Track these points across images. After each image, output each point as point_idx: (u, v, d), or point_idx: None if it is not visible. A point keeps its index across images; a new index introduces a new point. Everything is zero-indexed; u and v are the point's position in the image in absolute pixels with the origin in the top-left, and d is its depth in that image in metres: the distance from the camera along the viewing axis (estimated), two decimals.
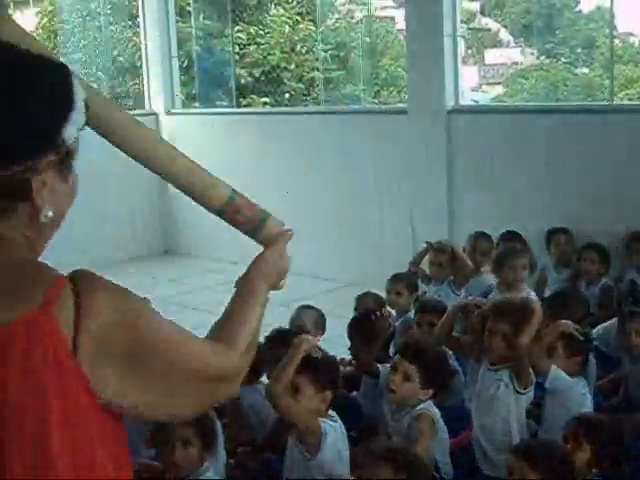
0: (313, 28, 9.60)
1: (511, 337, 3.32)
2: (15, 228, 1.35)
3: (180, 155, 1.74)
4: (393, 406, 3.39)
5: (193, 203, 1.78)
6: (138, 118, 1.82)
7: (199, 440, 2.99)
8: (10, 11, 10.33)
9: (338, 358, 3.71)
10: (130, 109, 9.15)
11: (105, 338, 1.31)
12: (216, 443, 3.14)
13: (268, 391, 2.94)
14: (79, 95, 1.37)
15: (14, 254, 1.35)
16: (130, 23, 9.39)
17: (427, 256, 5.28)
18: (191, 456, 3.00)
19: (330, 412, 3.04)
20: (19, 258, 1.35)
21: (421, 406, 3.23)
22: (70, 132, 1.34)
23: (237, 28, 9.51)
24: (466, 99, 7.21)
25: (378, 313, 4.16)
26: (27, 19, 10.46)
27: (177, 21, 8.79)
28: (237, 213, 1.76)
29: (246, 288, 1.70)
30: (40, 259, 1.40)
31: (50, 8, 9.92)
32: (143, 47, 8.81)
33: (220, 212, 1.77)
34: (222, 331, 1.58)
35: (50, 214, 1.36)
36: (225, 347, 1.53)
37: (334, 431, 2.95)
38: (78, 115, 1.36)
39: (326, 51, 9.33)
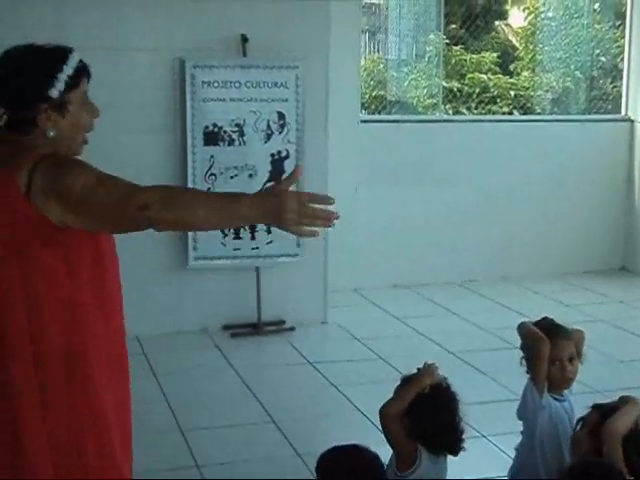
0: None
1: None
2: (36, 139, 2.30)
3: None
4: None
5: None
6: (610, 124, 1.51)
7: None
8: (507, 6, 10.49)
9: None
10: (603, 113, 8.67)
11: (45, 186, 2.19)
12: None
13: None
14: (69, 65, 2.32)
15: (34, 146, 2.28)
16: (617, 22, 8.86)
17: None
18: None
19: None
20: (36, 147, 2.28)
21: None
22: (53, 93, 2.29)
23: None
24: None
25: None
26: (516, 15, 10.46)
27: None
28: None
29: (239, 196, 2.18)
30: None
31: (537, 5, 9.74)
32: (627, 48, 8.24)
33: None
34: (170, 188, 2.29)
35: (52, 134, 2.31)
36: (135, 190, 2.18)
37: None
38: (60, 82, 2.29)
39: None
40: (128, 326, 2.47)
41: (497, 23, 10.72)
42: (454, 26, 10.34)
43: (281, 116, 6.09)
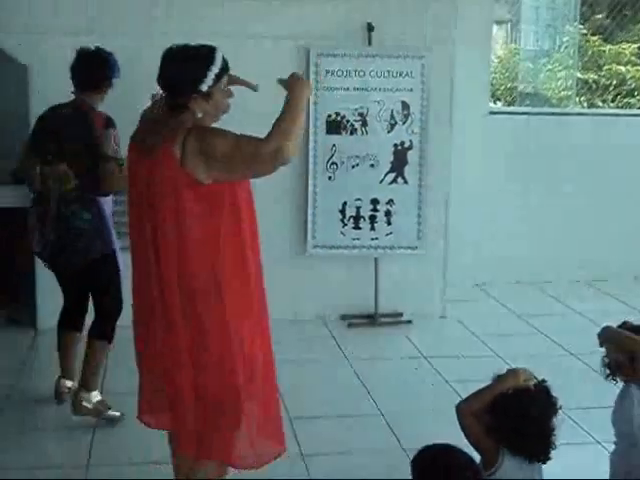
0: None
1: None
2: (187, 118, 2.99)
3: None
4: None
5: None
6: None
7: None
8: None
9: None
10: None
11: (194, 150, 2.89)
12: None
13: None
14: (216, 65, 3.01)
15: (184, 122, 2.98)
16: None
17: None
18: None
19: None
20: (185, 123, 2.97)
21: None
22: (203, 87, 2.99)
23: None
24: None
25: None
26: None
27: None
28: None
29: (288, 103, 2.99)
30: None
31: None
32: None
33: None
34: (272, 127, 2.90)
35: (199, 115, 3.01)
36: (261, 142, 2.88)
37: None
38: (209, 79, 2.99)
39: None
40: None
41: None
42: (599, 16, 10.02)
43: (405, 106, 6.02)
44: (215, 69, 2.99)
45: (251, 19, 5.85)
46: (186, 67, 3.01)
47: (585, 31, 9.36)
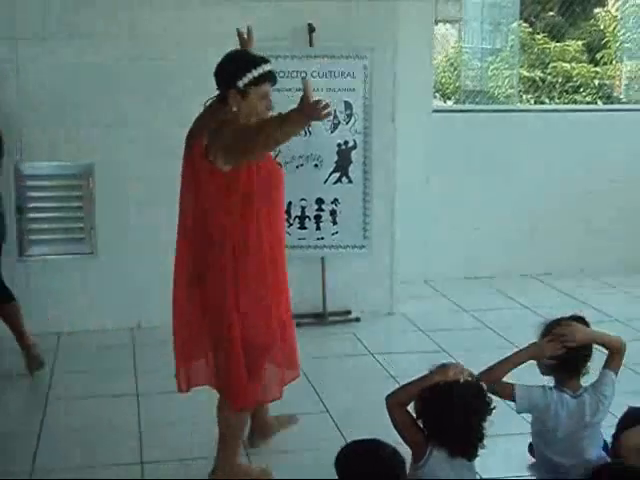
0: None
1: None
2: (228, 110, 3.56)
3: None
4: None
5: None
6: None
7: None
8: None
9: None
10: None
11: (213, 143, 3.48)
12: None
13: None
14: (258, 70, 3.54)
15: (224, 114, 3.57)
16: None
17: None
18: None
19: None
20: (224, 115, 3.57)
21: None
22: (240, 84, 3.50)
23: None
24: None
25: None
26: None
27: None
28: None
29: (288, 113, 3.36)
30: None
31: None
32: None
33: None
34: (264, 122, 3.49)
35: (234, 109, 3.53)
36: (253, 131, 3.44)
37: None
38: (246, 78, 3.50)
39: None
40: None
41: (596, 10, 10.47)
42: (551, 13, 10.15)
43: (348, 106, 6.07)
44: (255, 73, 3.50)
45: (193, 21, 5.87)
46: (232, 64, 3.59)
47: (530, 29, 9.49)
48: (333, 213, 6.13)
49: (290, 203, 6.06)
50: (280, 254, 3.81)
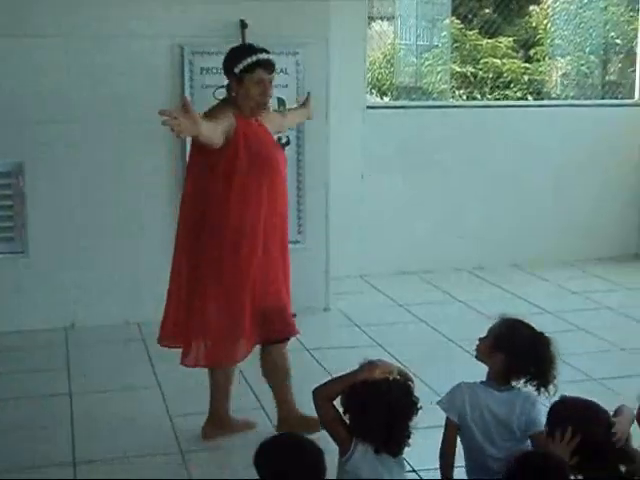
0: None
1: None
2: (230, 97, 4.02)
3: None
4: None
5: None
6: (624, 108, 1.52)
7: None
8: None
9: None
10: (618, 97, 8.55)
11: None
12: None
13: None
14: (252, 58, 3.95)
15: (225, 101, 4.07)
16: (633, 5, 8.73)
17: None
18: None
19: None
20: (228, 105, 4.01)
21: None
22: (235, 70, 3.95)
23: None
24: None
25: None
26: None
27: None
28: None
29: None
30: None
31: None
32: None
33: None
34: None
35: (233, 94, 3.97)
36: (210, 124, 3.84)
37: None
38: (241, 65, 3.93)
39: None
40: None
41: (531, 8, 10.61)
42: (487, 10, 10.26)
43: (281, 102, 6.07)
44: (250, 60, 3.91)
45: (124, 18, 5.82)
46: (232, 53, 4.06)
47: (462, 26, 9.59)
48: None
49: None
50: (273, 243, 4.26)
